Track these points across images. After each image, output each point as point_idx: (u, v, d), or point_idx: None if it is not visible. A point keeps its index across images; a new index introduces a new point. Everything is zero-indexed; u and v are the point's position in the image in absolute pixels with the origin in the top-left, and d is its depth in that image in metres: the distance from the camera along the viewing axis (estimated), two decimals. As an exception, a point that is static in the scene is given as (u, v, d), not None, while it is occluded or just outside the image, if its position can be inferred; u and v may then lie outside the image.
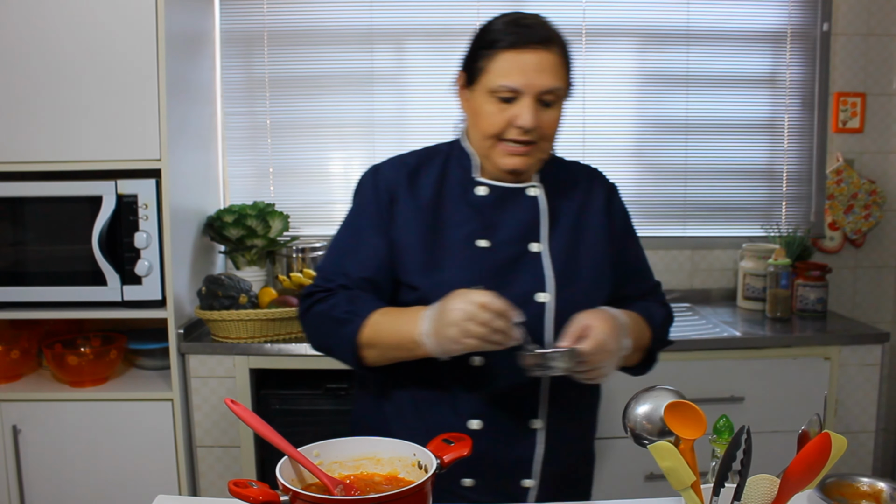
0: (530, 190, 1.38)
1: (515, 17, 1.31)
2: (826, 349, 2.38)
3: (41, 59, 2.18)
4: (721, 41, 2.84)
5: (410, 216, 1.35)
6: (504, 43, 1.27)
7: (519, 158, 1.31)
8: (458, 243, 1.33)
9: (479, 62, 1.31)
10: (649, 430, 1.19)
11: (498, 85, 1.27)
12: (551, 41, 1.29)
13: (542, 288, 1.32)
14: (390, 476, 1.11)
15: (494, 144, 1.31)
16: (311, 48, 2.80)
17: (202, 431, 2.33)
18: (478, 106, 1.31)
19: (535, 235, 1.36)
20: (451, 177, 1.39)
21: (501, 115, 1.28)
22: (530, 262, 1.34)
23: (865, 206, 2.85)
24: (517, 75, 1.26)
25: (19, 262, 2.25)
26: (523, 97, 1.27)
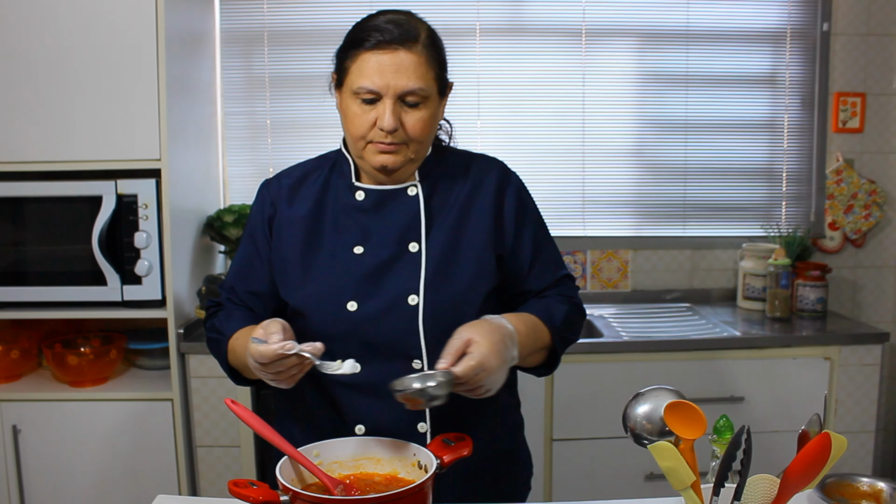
0: (411, 189, 1.34)
1: (381, 19, 1.27)
2: (826, 349, 2.38)
3: (41, 58, 2.18)
4: (721, 41, 2.84)
5: (288, 230, 1.35)
6: (366, 44, 1.24)
7: (389, 156, 1.28)
8: (335, 252, 1.32)
9: (344, 63, 1.29)
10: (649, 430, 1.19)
11: (358, 86, 1.25)
12: (413, 41, 1.25)
13: (415, 290, 1.28)
14: (390, 476, 1.11)
15: (365, 145, 1.29)
16: (312, 48, 2.80)
17: (202, 431, 2.33)
18: (345, 107, 1.29)
19: (416, 235, 1.32)
20: (334, 185, 1.38)
21: (365, 116, 1.26)
22: (408, 263, 1.30)
23: (865, 206, 2.85)
24: (375, 77, 1.23)
25: (19, 262, 2.25)
26: (384, 99, 1.24)
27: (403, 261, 1.30)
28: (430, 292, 1.28)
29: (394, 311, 1.27)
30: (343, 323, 1.27)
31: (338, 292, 1.28)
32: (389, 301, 1.27)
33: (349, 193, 1.35)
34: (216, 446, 2.34)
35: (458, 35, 2.79)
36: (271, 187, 1.42)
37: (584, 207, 2.87)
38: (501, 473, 1.42)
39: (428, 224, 1.33)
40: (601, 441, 2.35)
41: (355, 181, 1.36)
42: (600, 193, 2.88)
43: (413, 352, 1.27)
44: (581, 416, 2.36)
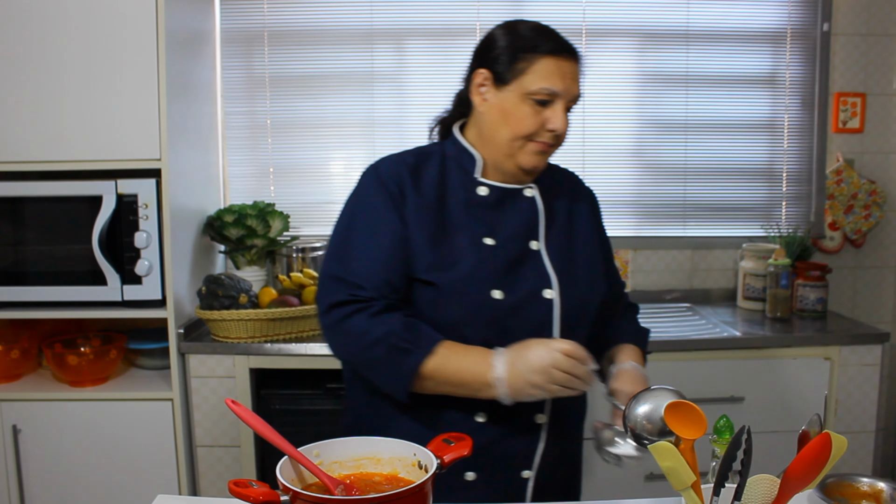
0: (527, 191, 1.42)
1: (543, 26, 1.38)
2: (826, 349, 2.38)
3: (42, 58, 2.18)
4: (721, 41, 2.84)
5: (417, 213, 1.36)
6: (545, 48, 1.32)
7: (542, 157, 1.36)
8: (465, 241, 1.35)
9: (517, 63, 1.33)
10: (649, 430, 1.19)
11: (539, 88, 1.31)
12: (578, 54, 1.37)
13: (548, 285, 1.36)
14: (390, 476, 1.11)
15: (524, 144, 1.34)
16: (312, 48, 2.80)
17: (202, 431, 2.33)
18: (510, 106, 1.34)
19: (535, 234, 1.39)
20: (451, 177, 1.41)
21: (536, 117, 1.32)
22: (532, 259, 1.37)
23: (865, 206, 2.85)
24: (558, 80, 1.31)
25: (19, 261, 2.25)
26: (557, 102, 1.32)
27: (529, 257, 1.38)
28: (564, 288, 1.37)
29: (532, 304, 1.34)
30: (488, 310, 1.32)
31: (483, 280, 1.32)
32: (528, 293, 1.34)
33: (470, 187, 1.40)
34: (216, 446, 2.34)
35: (458, 35, 2.79)
36: (388, 169, 1.40)
37: (584, 207, 2.87)
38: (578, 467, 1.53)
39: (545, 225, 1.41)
40: (601, 441, 2.34)
41: (478, 177, 1.40)
42: (600, 193, 2.82)
43: None
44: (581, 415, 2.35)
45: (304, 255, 2.68)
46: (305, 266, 2.66)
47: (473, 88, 1.40)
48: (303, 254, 2.68)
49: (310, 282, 2.44)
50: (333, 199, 2.87)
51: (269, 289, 2.42)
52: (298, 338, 2.34)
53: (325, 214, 2.87)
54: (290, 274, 2.54)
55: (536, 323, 1.34)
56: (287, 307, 2.31)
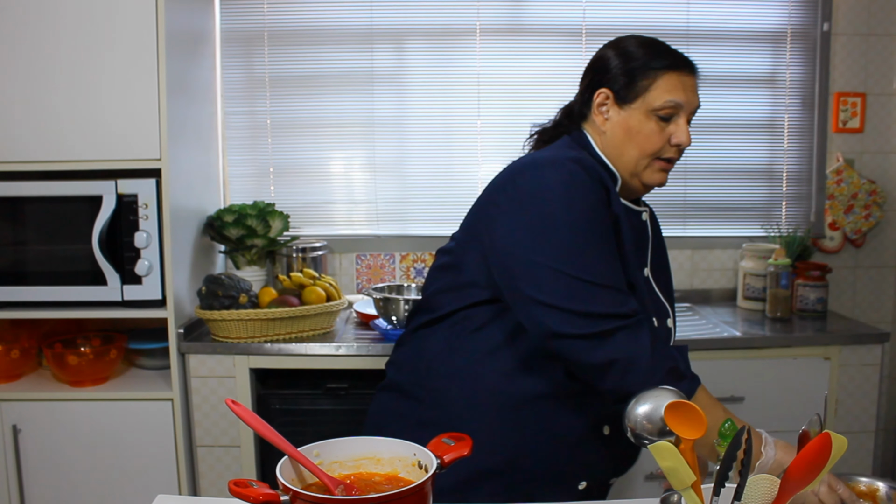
0: (643, 214, 1.44)
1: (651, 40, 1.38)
2: (826, 349, 2.38)
3: (41, 58, 2.18)
4: (721, 41, 2.84)
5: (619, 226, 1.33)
6: (664, 62, 1.34)
7: (665, 175, 1.38)
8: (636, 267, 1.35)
9: (638, 82, 1.34)
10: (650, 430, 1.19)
11: (665, 101, 1.33)
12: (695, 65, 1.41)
13: (667, 313, 1.38)
14: (390, 476, 1.11)
15: (650, 162, 1.36)
16: (312, 48, 2.80)
17: (202, 431, 2.33)
18: (636, 125, 1.34)
19: (645, 260, 1.40)
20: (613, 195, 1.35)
21: (661, 133, 1.34)
22: (647, 286, 1.38)
23: (865, 206, 2.85)
24: (681, 93, 1.34)
25: (19, 261, 2.25)
26: (680, 115, 1.35)
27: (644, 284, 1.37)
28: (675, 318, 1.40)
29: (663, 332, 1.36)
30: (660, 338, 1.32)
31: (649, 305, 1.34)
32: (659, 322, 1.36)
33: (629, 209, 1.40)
34: (216, 446, 2.34)
35: (458, 35, 2.79)
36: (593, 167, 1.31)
37: (584, 207, 2.87)
38: None
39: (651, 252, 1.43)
40: (601, 441, 2.35)
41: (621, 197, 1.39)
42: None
43: None
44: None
45: (304, 255, 2.68)
46: (305, 266, 2.66)
47: (594, 108, 1.39)
48: (303, 254, 2.68)
49: (309, 282, 2.45)
50: (333, 200, 2.87)
51: (269, 289, 2.42)
52: (298, 338, 2.34)
53: (325, 214, 2.87)
54: (290, 274, 2.54)
55: None
56: (287, 307, 2.31)
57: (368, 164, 2.85)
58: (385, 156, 2.83)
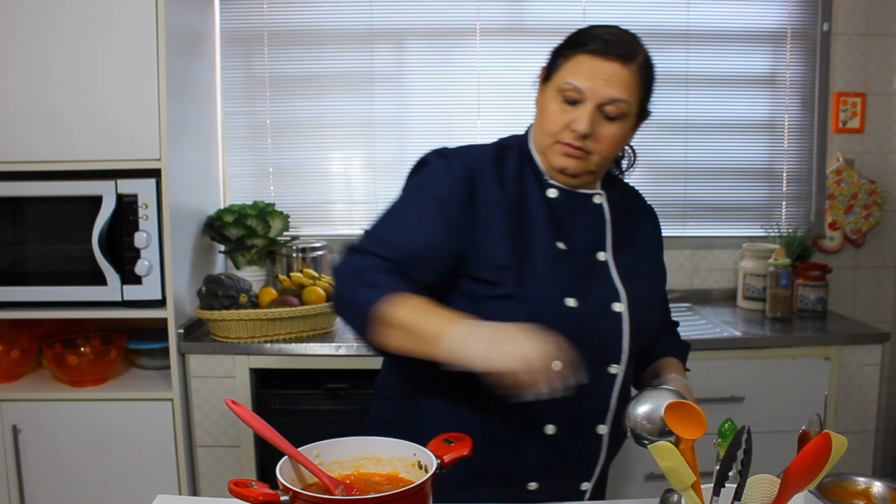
0: (596, 198, 1.37)
1: (609, 30, 1.33)
2: (826, 349, 2.38)
3: (41, 58, 2.18)
4: (721, 41, 2.84)
5: (494, 210, 1.29)
6: (586, 47, 1.29)
7: (571, 160, 1.29)
8: (541, 243, 1.30)
9: (558, 60, 1.32)
10: (649, 430, 1.19)
11: (565, 82, 1.27)
12: (630, 59, 1.30)
13: (616, 298, 1.32)
14: (390, 476, 1.11)
15: (553, 143, 1.30)
16: (311, 48, 2.80)
17: (202, 431, 2.33)
18: (545, 102, 1.32)
19: (602, 244, 1.35)
20: (526, 174, 1.35)
21: (562, 115, 1.28)
22: (600, 270, 1.33)
23: (865, 206, 2.85)
24: (586, 78, 1.26)
25: (19, 261, 2.25)
26: (586, 102, 1.26)
27: (597, 267, 1.33)
28: (630, 303, 1.33)
29: (603, 315, 1.30)
30: (560, 319, 1.25)
31: (558, 286, 1.27)
32: (599, 304, 1.30)
33: (541, 187, 1.35)
34: (216, 446, 2.34)
35: (458, 35, 2.79)
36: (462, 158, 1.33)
37: (584, 207, 2.87)
38: None
39: (611, 235, 1.37)
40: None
41: (545, 177, 1.35)
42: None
43: (612, 357, 1.31)
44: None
45: (304, 255, 2.68)
46: (305, 266, 2.66)
47: (538, 84, 1.40)
48: (303, 254, 2.68)
49: (309, 282, 2.45)
50: (333, 200, 2.87)
51: (269, 289, 2.42)
52: (298, 338, 2.34)
53: (325, 214, 2.87)
54: (290, 274, 2.54)
55: (605, 336, 1.30)
56: (287, 307, 2.31)
57: (368, 164, 2.85)
58: (385, 156, 2.83)
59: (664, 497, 1.21)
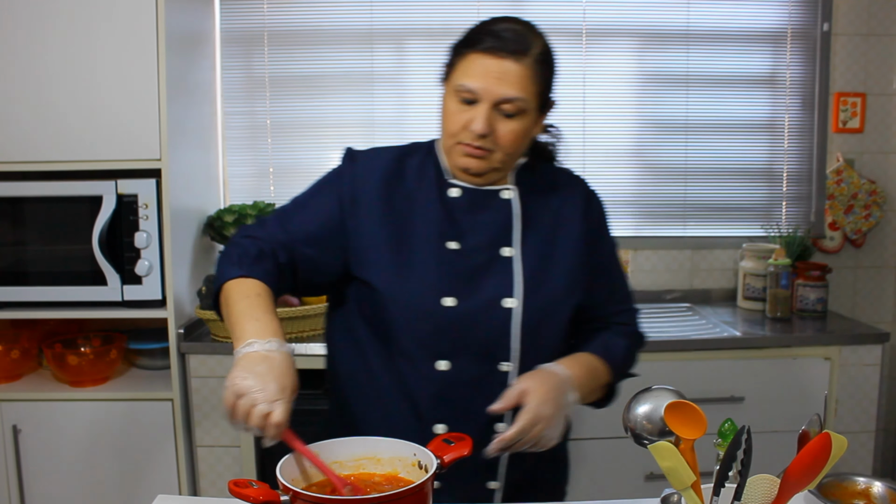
0: (504, 192, 1.34)
1: (503, 26, 1.29)
2: (826, 349, 2.38)
3: (41, 58, 2.18)
4: (721, 41, 2.84)
5: (377, 209, 1.32)
6: (477, 46, 1.26)
7: (473, 160, 1.28)
8: (427, 244, 1.30)
9: (453, 59, 1.30)
10: (649, 430, 1.19)
11: (459, 84, 1.26)
12: (523, 53, 1.26)
13: (509, 293, 1.30)
14: (390, 476, 1.11)
15: (455, 144, 1.29)
16: (312, 48, 2.80)
17: (202, 431, 2.33)
18: (445, 103, 1.30)
19: (508, 240, 1.33)
20: (428, 174, 1.36)
21: (460, 115, 1.26)
22: (501, 266, 1.31)
23: (865, 206, 2.85)
24: (477, 78, 1.24)
25: (19, 261, 2.25)
26: (481, 102, 1.24)
27: (497, 264, 1.31)
28: (526, 298, 1.30)
29: (489, 313, 1.28)
30: (436, 318, 1.27)
31: (434, 286, 1.28)
32: (485, 302, 1.28)
33: (443, 187, 1.34)
34: (216, 446, 2.34)
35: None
36: (364, 159, 1.39)
37: (584, 207, 2.87)
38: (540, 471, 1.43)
39: (521, 229, 1.34)
40: (601, 441, 2.35)
41: (450, 177, 1.35)
42: (600, 193, 2.86)
43: (503, 354, 1.29)
44: (581, 416, 2.35)
45: (304, 255, 2.68)
46: (305, 266, 2.65)
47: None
48: (303, 254, 2.68)
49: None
50: (333, 199, 2.87)
51: (269, 289, 2.41)
52: (298, 338, 2.34)
53: (325, 214, 2.87)
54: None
55: (493, 333, 1.29)
56: (287, 307, 2.31)
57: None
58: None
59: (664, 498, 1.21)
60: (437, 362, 1.28)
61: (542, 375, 1.26)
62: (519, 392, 1.23)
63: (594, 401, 1.42)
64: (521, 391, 1.23)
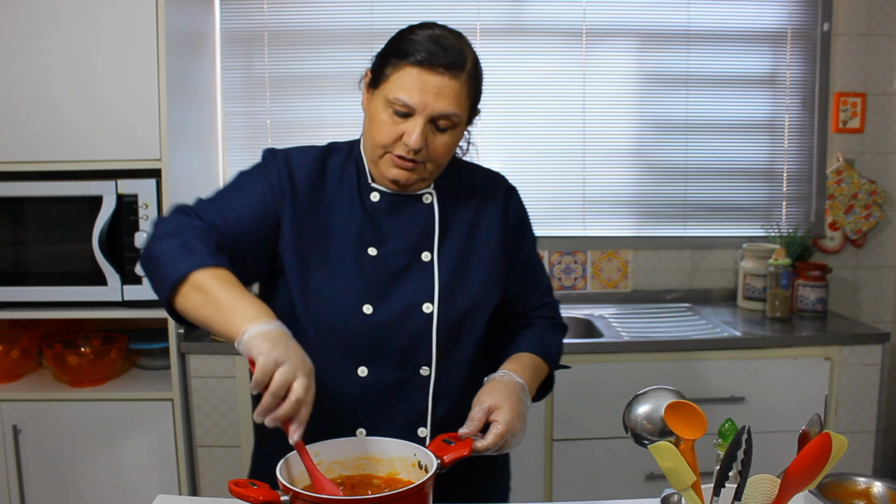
0: (426, 197, 1.33)
1: (436, 35, 1.28)
2: (826, 349, 2.38)
3: (41, 58, 2.18)
4: (721, 41, 2.84)
5: (301, 213, 1.29)
6: (413, 58, 1.24)
7: (404, 172, 1.26)
8: (346, 250, 1.29)
9: (386, 68, 1.27)
10: (649, 430, 1.19)
11: (394, 97, 1.23)
12: (460, 69, 1.26)
13: (429, 298, 1.29)
14: (390, 476, 1.11)
15: (383, 154, 1.27)
16: (312, 48, 2.80)
17: (202, 431, 2.33)
18: (374, 112, 1.27)
19: (429, 244, 1.31)
20: (348, 178, 1.34)
21: (393, 127, 1.24)
22: (421, 271, 1.30)
23: (866, 206, 2.85)
24: (415, 93, 1.22)
25: (19, 261, 2.25)
26: (416, 116, 1.22)
27: (416, 268, 1.30)
28: (444, 302, 1.29)
29: (408, 318, 1.27)
30: (356, 325, 1.26)
31: (354, 293, 1.26)
32: (404, 308, 1.27)
33: (364, 192, 1.32)
34: (216, 446, 2.34)
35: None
36: (286, 159, 1.34)
37: (584, 207, 2.87)
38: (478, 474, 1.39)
39: (440, 233, 1.32)
40: (601, 441, 2.35)
41: (371, 181, 1.33)
42: (600, 193, 2.88)
43: (423, 359, 1.28)
44: (581, 416, 2.35)
45: (305, 256, 2.68)
46: (305, 266, 2.65)
47: (363, 86, 1.34)
48: (303, 254, 2.68)
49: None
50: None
51: (269, 289, 2.41)
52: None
53: (325, 214, 2.87)
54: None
55: (411, 338, 1.27)
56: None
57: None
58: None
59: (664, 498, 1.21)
60: (359, 368, 1.27)
61: (504, 388, 1.25)
62: (486, 410, 1.21)
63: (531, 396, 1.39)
64: (489, 408, 1.21)
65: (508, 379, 1.28)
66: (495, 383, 1.26)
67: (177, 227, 1.26)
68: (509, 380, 1.27)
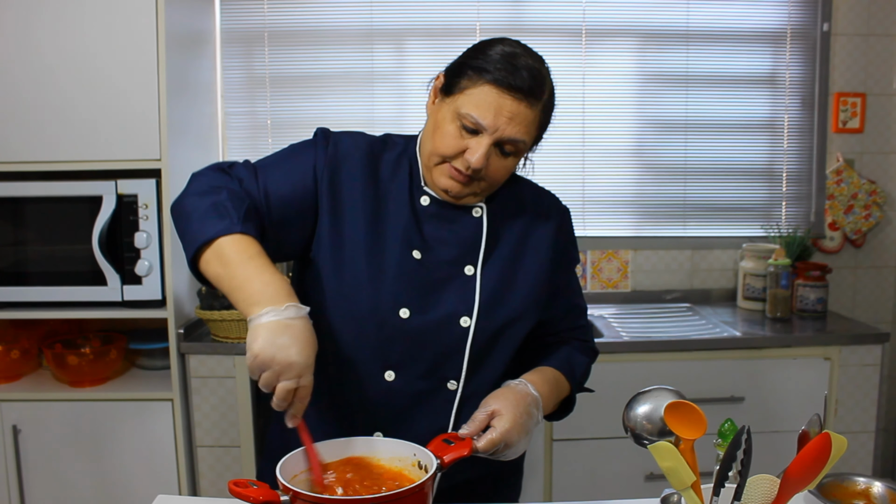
0: (476, 210, 1.31)
1: (517, 53, 1.22)
2: (826, 349, 2.38)
3: (42, 58, 2.18)
4: (721, 41, 2.84)
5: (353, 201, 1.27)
6: (493, 75, 1.19)
7: (457, 185, 1.24)
8: (391, 247, 1.26)
9: (462, 79, 1.23)
10: (649, 430, 1.19)
11: (467, 112, 1.19)
12: (538, 98, 1.21)
13: (468, 312, 1.26)
14: (390, 476, 1.11)
15: (441, 162, 1.25)
16: (312, 47, 2.80)
17: (202, 431, 2.33)
18: (441, 120, 1.24)
19: (473, 258, 1.29)
20: (401, 176, 1.31)
21: (459, 140, 1.21)
22: (463, 283, 1.28)
23: (865, 207, 2.85)
24: (490, 114, 1.19)
25: (19, 262, 2.25)
26: (484, 136, 1.20)
27: (459, 280, 1.28)
28: (482, 318, 1.27)
29: (444, 330, 1.25)
30: (391, 328, 1.23)
31: (393, 294, 1.24)
32: (442, 318, 1.25)
33: (415, 193, 1.30)
34: (216, 446, 2.34)
35: (458, 35, 2.79)
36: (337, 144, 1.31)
37: (584, 207, 2.87)
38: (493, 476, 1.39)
39: (487, 248, 1.30)
40: (601, 441, 2.35)
41: (423, 184, 1.30)
42: (600, 193, 2.88)
43: (452, 373, 1.26)
44: (581, 416, 2.35)
45: (304, 255, 2.68)
46: (305, 266, 2.66)
47: (432, 89, 1.31)
48: (303, 254, 2.68)
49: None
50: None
51: (269, 289, 2.41)
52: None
53: (325, 214, 2.87)
54: (290, 273, 2.53)
55: (444, 350, 1.25)
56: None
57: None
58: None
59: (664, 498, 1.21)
60: (386, 372, 1.25)
61: (513, 396, 1.22)
62: (488, 414, 1.19)
63: (549, 414, 1.37)
64: (491, 413, 1.19)
65: (522, 388, 1.25)
66: (507, 390, 1.25)
67: (212, 186, 1.23)
68: (523, 389, 1.25)
